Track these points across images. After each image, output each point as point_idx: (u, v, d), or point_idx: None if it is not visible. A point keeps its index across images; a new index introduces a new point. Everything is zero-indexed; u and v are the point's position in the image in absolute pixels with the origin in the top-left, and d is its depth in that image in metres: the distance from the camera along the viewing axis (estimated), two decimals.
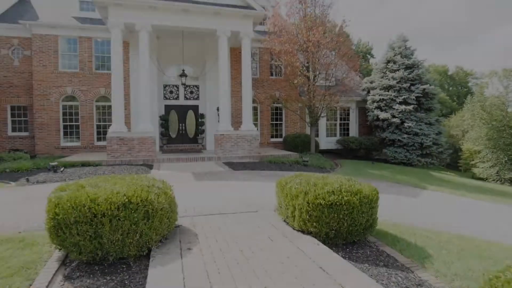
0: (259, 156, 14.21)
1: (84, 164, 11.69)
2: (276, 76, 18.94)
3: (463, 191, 11.02)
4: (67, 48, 16.20)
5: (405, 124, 17.66)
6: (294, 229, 4.60)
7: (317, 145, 17.49)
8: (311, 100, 15.86)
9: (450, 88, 58.64)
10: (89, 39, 16.26)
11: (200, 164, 12.92)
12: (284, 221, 4.96)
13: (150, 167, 11.96)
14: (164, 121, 16.84)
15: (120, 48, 13.42)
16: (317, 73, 16.09)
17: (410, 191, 9.64)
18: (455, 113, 33.97)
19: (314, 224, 4.20)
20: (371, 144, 18.60)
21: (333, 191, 4.27)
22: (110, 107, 16.52)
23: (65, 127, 16.27)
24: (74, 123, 16.35)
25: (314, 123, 16.74)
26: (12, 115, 16.41)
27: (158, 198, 3.97)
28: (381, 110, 18.66)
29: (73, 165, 11.56)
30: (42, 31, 15.73)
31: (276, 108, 19.05)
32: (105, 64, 16.42)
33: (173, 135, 17.44)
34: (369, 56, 51.78)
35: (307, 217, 4.25)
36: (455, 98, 54.37)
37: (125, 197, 3.68)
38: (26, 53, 16.24)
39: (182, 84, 15.62)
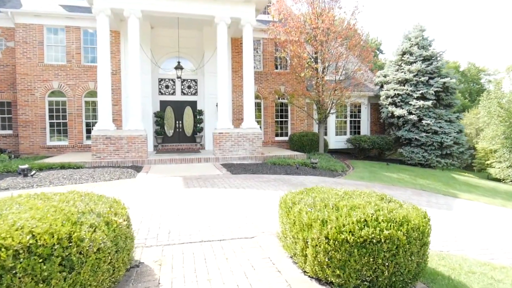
0: (262, 157, 12.75)
1: (63, 166, 10.34)
2: (281, 69, 17.44)
3: (499, 199, 9.45)
4: (53, 39, 14.87)
5: (423, 122, 16.05)
6: (305, 273, 3.12)
7: (326, 144, 15.98)
8: (319, 95, 14.34)
9: (462, 85, 56.62)
10: (77, 29, 14.90)
11: (195, 166, 11.50)
12: (291, 257, 3.49)
13: (138, 169, 10.58)
14: (159, 118, 15.45)
15: (107, 37, 12.03)
16: (326, 64, 14.56)
17: (441, 200, 8.10)
18: (468, 111, 32.26)
19: (337, 271, 2.73)
20: (385, 143, 17.02)
21: (365, 220, 2.78)
22: None
23: (51, 124, 14.96)
24: (61, 121, 15.04)
25: (323, 121, 15.22)
26: None
27: (93, 233, 2.53)
28: (396, 106, 17.07)
29: (51, 167, 10.22)
30: (26, 20, 14.40)
31: (281, 104, 17.55)
32: (94, 56, 15.03)
33: (169, 134, 16.05)
34: (378, 52, 50.00)
35: (326, 260, 2.77)
36: (467, 95, 52.39)
37: (30, 236, 2.24)
38: (10, 44, 14.96)
39: (178, 77, 14.20)
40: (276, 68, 17.41)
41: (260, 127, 14.74)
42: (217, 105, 15.25)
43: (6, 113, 15.23)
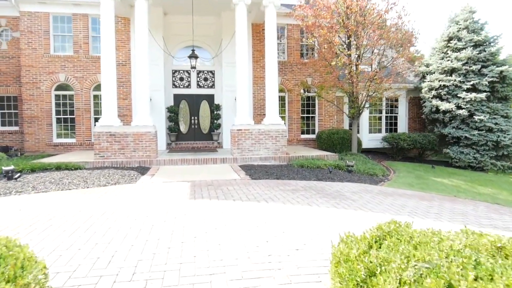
0: (286, 158, 11.02)
1: (59, 167, 9.03)
2: (307, 58, 15.59)
3: None
4: (59, 28, 13.74)
5: (475, 117, 13.75)
6: None
7: (359, 143, 14.01)
8: (354, 87, 12.39)
9: None
10: (84, 17, 13.70)
11: (210, 167, 9.92)
12: None
13: (144, 171, 9.12)
14: (173, 114, 14.02)
15: (112, 21, 10.64)
16: (362, 51, 12.59)
17: None
18: None
19: None
20: (427, 142, 14.82)
21: None
22: None
23: (58, 120, 13.87)
24: (68, 116, 13.91)
25: (356, 116, 13.27)
26: (1, 107, 14.23)
27: None
28: (442, 100, 14.82)
29: (45, 168, 8.94)
30: (31, 7, 13.33)
31: (308, 98, 15.71)
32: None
33: (184, 131, 14.60)
34: (400, 48, 46.73)
35: None
36: None
37: None
38: (15, 34, 13.96)
39: (192, 67, 12.68)
40: (302, 57, 15.59)
41: (284, 124, 13.03)
42: (236, 99, 13.64)
43: (13, 108, 14.28)
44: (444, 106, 14.42)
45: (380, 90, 12.94)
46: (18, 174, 7.49)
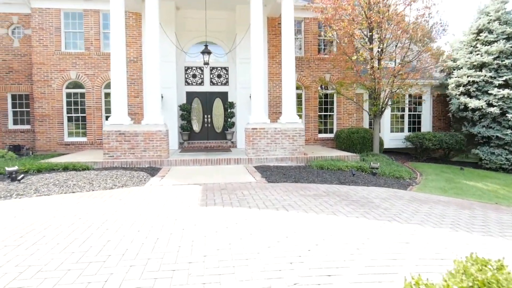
0: (304, 158, 10.36)
1: (66, 168, 8.64)
2: (325, 53, 14.86)
3: None
4: (71, 24, 13.44)
5: (508, 115, 12.74)
6: None
7: (381, 143, 13.19)
8: (377, 83, 11.61)
9: None
10: (96, 12, 13.35)
11: (223, 169, 9.36)
12: None
13: (154, 172, 8.64)
14: (185, 112, 13.54)
15: (121, 15, 10.22)
16: (385, 45, 11.78)
17: None
18: None
19: None
20: (455, 142, 13.86)
21: None
22: None
23: (69, 119, 13.59)
24: (79, 115, 13.62)
25: (379, 114, 12.46)
26: (13, 105, 14.06)
27: None
28: (471, 97, 13.83)
29: (52, 168, 8.56)
30: (42, 4, 13.07)
31: (325, 96, 14.98)
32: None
33: (197, 129, 14.11)
34: (427, 40, 45.16)
35: None
36: None
37: None
38: (27, 32, 13.75)
39: (205, 64, 12.16)
40: (320, 52, 14.86)
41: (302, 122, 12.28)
42: (250, 96, 13.05)
43: (25, 107, 14.09)
44: (473, 103, 13.44)
45: (405, 87, 12.10)
46: (22, 175, 7.10)
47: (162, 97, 12.61)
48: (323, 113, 14.96)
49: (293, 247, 3.52)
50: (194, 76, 14.01)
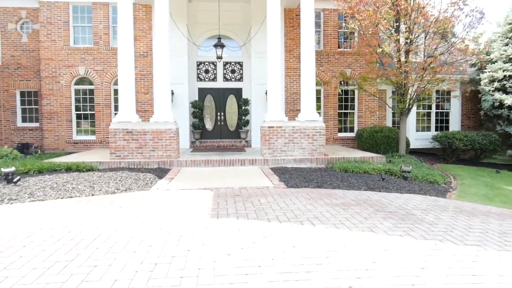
0: (325, 159, 9.51)
1: (69, 168, 8.06)
2: (346, 47, 13.92)
3: None
4: (79, 18, 12.93)
5: None
6: None
7: (407, 143, 12.18)
8: (405, 77, 10.62)
9: None
10: (105, 5, 12.80)
11: (237, 170, 8.61)
12: None
13: (162, 174, 7.97)
14: (197, 109, 12.85)
15: (130, 8, 9.59)
16: (414, 36, 10.76)
17: None
18: None
19: None
20: (488, 142, 12.71)
21: None
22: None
23: (78, 116, 13.10)
24: (88, 112, 13.11)
25: (406, 112, 11.47)
26: (22, 102, 13.68)
27: None
28: (506, 93, 12.66)
29: (54, 169, 8.00)
30: None
31: (345, 92, 14.04)
32: None
33: (209, 128, 13.42)
34: (450, 35, 43.26)
35: None
36: None
37: None
38: (35, 27, 13.32)
39: (218, 58, 11.43)
40: (340, 46, 13.92)
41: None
42: (266, 93, 12.27)
43: (33, 104, 13.69)
44: (510, 100, 12.27)
45: (436, 81, 11.06)
46: (18, 177, 6.52)
47: (172, 93, 11.99)
48: (343, 111, 14.03)
49: (327, 282, 2.72)
50: (206, 71, 13.31)
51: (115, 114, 12.76)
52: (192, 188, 6.32)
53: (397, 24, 10.97)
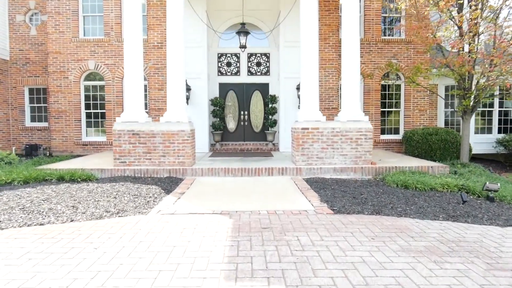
0: (372, 169, 7.64)
1: (62, 178, 6.68)
2: (391, 35, 11.91)
3: None
4: (90, 7, 11.70)
5: None
6: None
7: (470, 148, 10.03)
8: (472, 67, 8.52)
9: None
10: None
11: (264, 182, 6.92)
12: None
13: (172, 186, 6.42)
14: (218, 108, 11.28)
15: None
16: (480, 19, 8.63)
17: None
18: None
19: None
20: None
21: None
22: (145, 87, 11.62)
23: (88, 115, 11.89)
24: (99, 111, 11.87)
25: (470, 111, 9.35)
26: (31, 100, 12.67)
27: None
28: None
29: (45, 178, 6.65)
30: None
31: (387, 88, 12.01)
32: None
33: (231, 128, 11.83)
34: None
35: None
36: None
37: None
38: (44, 18, 12.25)
39: (241, 47, 9.80)
40: (384, 34, 11.93)
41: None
42: (297, 88, 10.53)
43: (43, 102, 12.64)
44: None
45: (507, 74, 8.85)
46: None
47: (189, 89, 10.50)
48: (386, 109, 12.01)
49: None
50: (228, 64, 11.71)
51: None
52: (205, 213, 4.69)
53: (461, 2, 8.88)
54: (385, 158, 9.21)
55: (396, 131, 12.01)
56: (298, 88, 10.58)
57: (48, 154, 11.83)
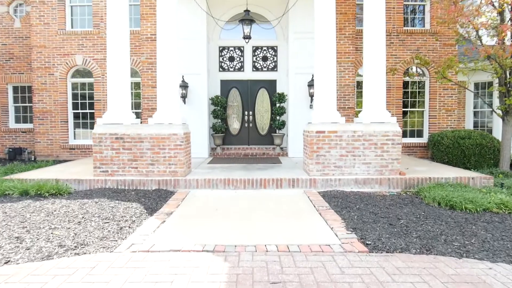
0: (401, 181, 6.35)
1: (25, 193, 5.50)
2: (413, 26, 10.60)
3: None
4: None
5: None
6: None
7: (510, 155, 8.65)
8: None
9: None
10: None
11: (272, 198, 5.66)
12: None
13: (157, 205, 5.20)
14: (219, 107, 10.05)
15: None
16: None
17: None
18: None
19: None
20: None
21: None
22: (138, 84, 10.48)
23: (75, 116, 10.76)
24: (87, 111, 10.73)
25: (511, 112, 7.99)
26: (15, 100, 11.57)
27: None
28: None
29: (5, 193, 5.47)
30: None
31: (409, 85, 10.68)
32: (131, 17, 10.17)
33: (234, 131, 10.59)
34: None
35: None
36: None
37: None
38: (29, 9, 11.12)
39: (245, 37, 8.56)
40: (406, 24, 10.62)
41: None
42: (309, 85, 9.26)
43: (28, 101, 11.54)
44: None
45: None
46: None
47: (187, 86, 9.29)
48: (408, 109, 10.69)
49: None
50: (231, 59, 10.48)
51: None
52: (192, 250, 3.44)
53: None
54: (412, 166, 7.89)
55: (420, 134, 10.67)
56: (310, 85, 9.32)
57: (33, 159, 10.75)
